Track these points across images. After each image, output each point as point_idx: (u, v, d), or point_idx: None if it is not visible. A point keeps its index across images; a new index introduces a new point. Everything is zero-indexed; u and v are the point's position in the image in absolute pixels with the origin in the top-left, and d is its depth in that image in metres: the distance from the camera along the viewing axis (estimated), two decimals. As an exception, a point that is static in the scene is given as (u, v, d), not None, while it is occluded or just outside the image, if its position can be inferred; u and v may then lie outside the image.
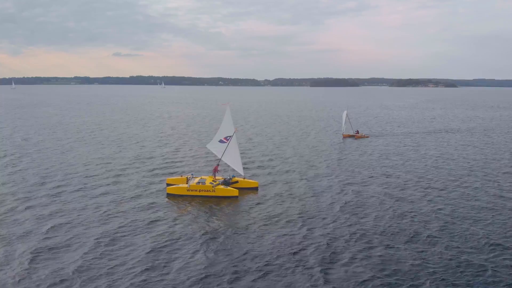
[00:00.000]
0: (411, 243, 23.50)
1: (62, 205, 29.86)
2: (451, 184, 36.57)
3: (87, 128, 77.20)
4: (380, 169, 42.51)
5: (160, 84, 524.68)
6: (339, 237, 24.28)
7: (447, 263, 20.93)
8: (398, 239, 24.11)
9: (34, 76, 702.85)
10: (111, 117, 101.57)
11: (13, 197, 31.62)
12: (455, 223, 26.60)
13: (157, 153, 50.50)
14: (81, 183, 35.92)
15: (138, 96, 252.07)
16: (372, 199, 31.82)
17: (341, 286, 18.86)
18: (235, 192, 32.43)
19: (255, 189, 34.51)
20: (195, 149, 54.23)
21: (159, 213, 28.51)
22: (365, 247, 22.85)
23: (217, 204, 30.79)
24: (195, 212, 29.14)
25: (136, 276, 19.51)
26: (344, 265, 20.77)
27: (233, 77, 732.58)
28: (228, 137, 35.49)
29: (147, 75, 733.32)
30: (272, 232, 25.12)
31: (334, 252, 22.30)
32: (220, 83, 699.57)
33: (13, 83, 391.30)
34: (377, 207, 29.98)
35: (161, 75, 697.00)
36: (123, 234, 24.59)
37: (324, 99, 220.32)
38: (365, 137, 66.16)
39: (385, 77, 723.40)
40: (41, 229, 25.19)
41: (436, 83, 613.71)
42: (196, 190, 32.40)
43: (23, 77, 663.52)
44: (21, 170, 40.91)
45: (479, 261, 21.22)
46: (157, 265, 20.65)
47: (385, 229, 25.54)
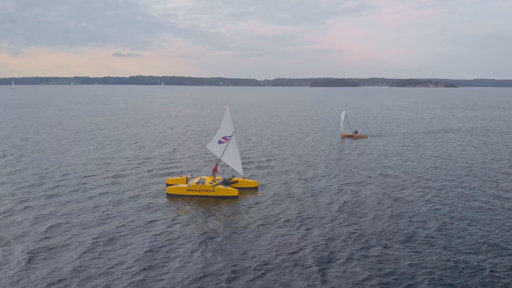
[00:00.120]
0: (409, 243, 23.59)
1: (61, 205, 29.94)
2: (449, 184, 36.66)
3: (87, 128, 77.29)
4: (378, 169, 42.60)
5: (160, 84, 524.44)
6: (337, 237, 24.38)
7: (444, 263, 21.01)
8: (396, 239, 24.20)
9: (34, 76, 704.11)
10: (110, 117, 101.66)
11: (11, 197, 31.70)
12: (453, 223, 26.69)
13: (156, 153, 50.60)
14: (80, 183, 36.00)
15: (138, 96, 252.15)
16: (370, 199, 31.92)
17: (339, 285, 18.95)
18: (235, 192, 32.48)
19: (255, 189, 34.58)
20: (195, 149, 54.32)
21: (158, 213, 28.59)
22: (363, 247, 22.94)
23: (216, 204, 30.88)
24: (195, 212, 29.23)
25: (134, 275, 19.59)
26: (342, 265, 20.86)
27: (233, 77, 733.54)
28: (227, 137, 35.55)
29: (147, 75, 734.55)
30: (270, 231, 25.22)
31: (332, 252, 22.39)
32: (220, 83, 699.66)
33: (13, 83, 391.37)
34: (375, 207, 30.07)
35: (161, 75, 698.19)
36: (122, 234, 24.68)
37: (324, 99, 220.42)
38: (363, 137, 66.24)
39: (385, 77, 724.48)
40: (40, 228, 25.26)
41: (436, 83, 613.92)
42: (195, 190, 32.45)
43: (23, 77, 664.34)
44: (20, 170, 40.99)
45: (477, 261, 21.30)
46: (156, 265, 20.74)
47: (383, 229, 25.64)
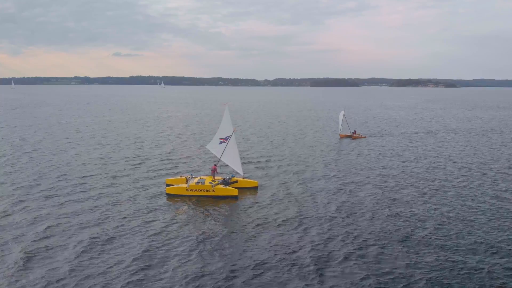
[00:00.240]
0: (407, 243, 23.70)
1: (59, 205, 30.02)
2: (447, 184, 36.78)
3: (86, 128, 77.39)
4: (376, 170, 42.71)
5: (160, 84, 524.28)
6: (336, 237, 24.50)
7: (442, 263, 21.11)
8: (393, 239, 24.30)
9: (34, 76, 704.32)
10: (110, 117, 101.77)
11: (10, 197, 31.76)
12: (451, 224, 26.80)
13: (156, 153, 50.69)
14: (79, 183, 36.09)
15: (138, 96, 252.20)
16: (368, 199, 32.03)
17: (337, 285, 19.06)
18: (235, 192, 32.54)
19: (255, 189, 34.70)
20: (194, 149, 54.43)
21: (157, 212, 28.70)
22: (361, 247, 23.05)
23: (216, 203, 30.99)
24: (195, 211, 29.35)
25: (133, 274, 19.68)
26: (340, 265, 20.97)
27: (233, 77, 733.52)
28: (227, 137, 35.64)
29: (147, 75, 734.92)
30: (269, 231, 25.34)
31: (330, 251, 22.50)
32: (220, 83, 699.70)
33: (13, 83, 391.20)
34: (373, 207, 30.19)
35: (161, 75, 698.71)
36: (122, 233, 24.78)
37: (323, 99, 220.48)
38: (362, 138, 66.35)
39: (385, 77, 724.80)
40: (38, 228, 25.33)
41: (436, 83, 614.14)
42: (195, 190, 32.55)
43: (23, 77, 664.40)
44: (19, 170, 41.07)
45: (475, 261, 21.40)
46: (155, 264, 20.84)
47: (381, 229, 25.75)
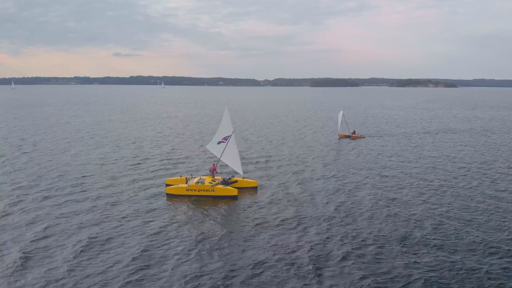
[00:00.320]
0: (405, 242, 23.75)
1: (59, 205, 30.07)
2: (446, 184, 36.84)
3: (86, 128, 77.46)
4: (375, 170, 42.78)
5: (160, 84, 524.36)
6: (334, 237, 24.57)
7: (441, 263, 21.16)
8: (392, 239, 24.36)
9: (34, 76, 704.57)
10: (110, 117, 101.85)
11: (9, 197, 31.81)
12: (449, 224, 26.85)
13: (155, 153, 50.76)
14: (79, 183, 36.15)
15: (138, 96, 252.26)
16: (367, 199, 32.10)
17: (336, 285, 19.11)
18: (235, 191, 32.57)
19: (255, 189, 34.76)
20: (194, 149, 54.49)
21: (157, 212, 28.76)
22: (360, 247, 23.10)
23: (215, 203, 31.05)
24: (194, 211, 29.42)
25: (132, 274, 19.73)
26: (338, 264, 21.02)
27: (233, 77, 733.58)
28: (226, 137, 35.70)
29: (147, 75, 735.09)
30: (268, 231, 25.40)
31: (329, 251, 22.56)
32: (220, 83, 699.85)
33: (12, 83, 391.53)
34: (372, 207, 30.25)
35: (161, 75, 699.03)
36: (121, 233, 24.83)
37: (323, 99, 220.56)
38: (361, 138, 66.39)
39: (385, 77, 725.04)
40: (37, 228, 25.38)
41: (436, 83, 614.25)
42: (195, 189, 32.60)
43: (23, 77, 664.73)
44: (19, 169, 41.13)
45: (474, 261, 21.44)
46: (154, 264, 20.89)
47: (379, 229, 25.82)
